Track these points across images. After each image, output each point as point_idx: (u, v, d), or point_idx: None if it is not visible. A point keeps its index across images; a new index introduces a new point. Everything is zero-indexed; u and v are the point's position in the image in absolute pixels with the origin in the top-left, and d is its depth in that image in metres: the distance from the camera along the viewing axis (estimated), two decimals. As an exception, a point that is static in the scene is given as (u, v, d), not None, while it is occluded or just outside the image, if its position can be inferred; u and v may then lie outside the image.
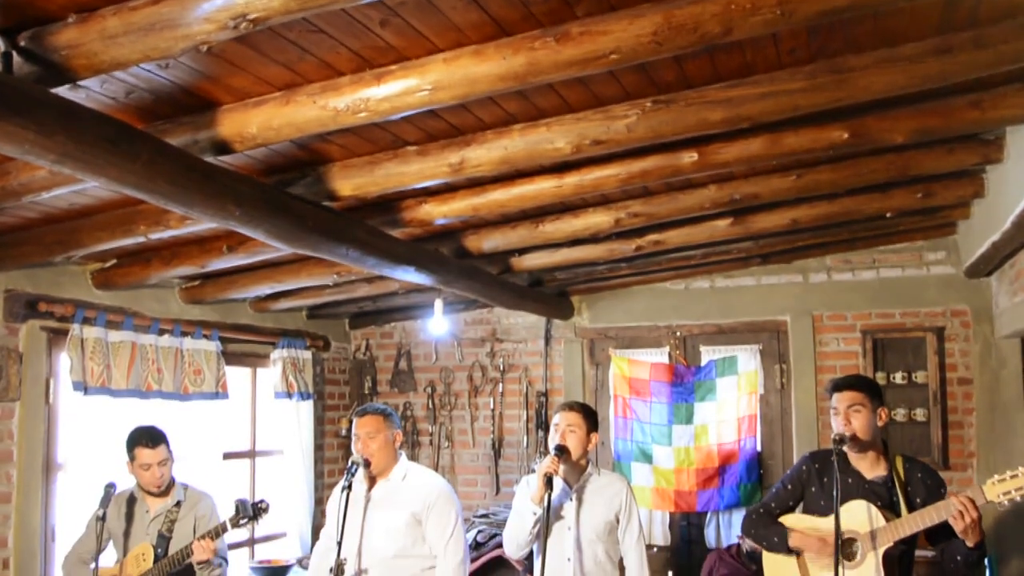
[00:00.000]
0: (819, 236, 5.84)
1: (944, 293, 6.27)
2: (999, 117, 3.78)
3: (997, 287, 5.92)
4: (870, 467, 3.78)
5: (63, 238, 4.27)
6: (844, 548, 3.65)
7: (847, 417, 3.73)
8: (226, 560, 4.43)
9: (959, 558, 3.54)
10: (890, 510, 3.64)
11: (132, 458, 4.29)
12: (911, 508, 3.65)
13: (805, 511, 3.93)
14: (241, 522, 4.19)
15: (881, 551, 3.56)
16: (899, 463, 3.78)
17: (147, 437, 4.29)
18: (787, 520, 3.92)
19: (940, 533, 3.59)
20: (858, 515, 3.57)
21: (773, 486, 4.19)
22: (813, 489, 3.90)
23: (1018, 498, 3.36)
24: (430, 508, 4.11)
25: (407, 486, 4.18)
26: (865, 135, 3.81)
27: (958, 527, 3.38)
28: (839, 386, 3.85)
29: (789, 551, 3.82)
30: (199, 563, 4.21)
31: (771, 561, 3.95)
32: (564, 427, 4.12)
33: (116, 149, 2.67)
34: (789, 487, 3.99)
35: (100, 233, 4.17)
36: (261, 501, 4.26)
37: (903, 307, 6.34)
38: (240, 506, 4.24)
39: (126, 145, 2.71)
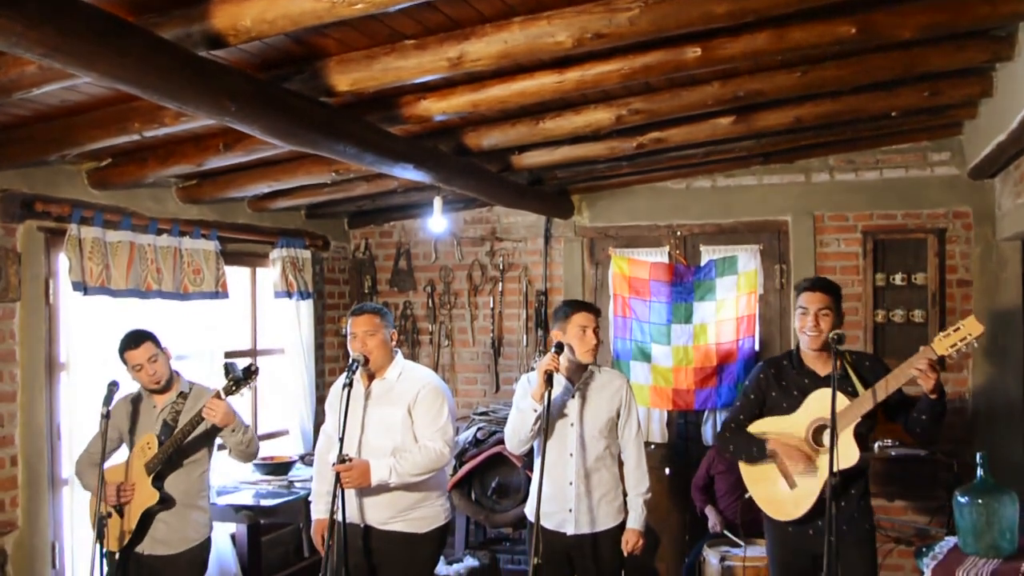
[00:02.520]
0: (822, 135, 5.78)
1: (947, 194, 6.23)
2: (1011, 12, 3.70)
3: (1000, 189, 5.88)
4: (823, 366, 3.93)
5: (57, 136, 4.21)
6: (816, 436, 3.88)
7: (816, 319, 3.88)
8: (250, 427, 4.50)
9: (924, 417, 3.79)
10: (850, 396, 3.82)
11: (125, 364, 4.32)
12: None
13: (768, 414, 4.08)
14: (234, 387, 4.20)
15: (851, 428, 3.77)
16: (847, 356, 3.96)
17: (130, 340, 4.30)
18: (756, 427, 4.07)
19: (898, 408, 3.90)
20: (824, 403, 3.69)
21: (737, 399, 4.32)
22: (773, 393, 4.07)
23: (964, 348, 3.66)
24: (418, 400, 4.18)
25: (402, 383, 4.25)
26: (873, 30, 3.73)
27: (929, 384, 3.63)
28: (812, 287, 3.98)
29: (768, 457, 3.98)
30: (222, 426, 4.27)
31: (751, 470, 4.11)
32: (587, 328, 4.19)
33: (106, 42, 2.61)
34: (752, 396, 4.14)
35: (94, 131, 4.12)
36: (251, 364, 4.27)
37: (905, 208, 6.31)
38: (229, 368, 4.26)
39: (116, 38, 2.66)
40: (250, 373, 4.23)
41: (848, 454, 3.74)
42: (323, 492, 4.34)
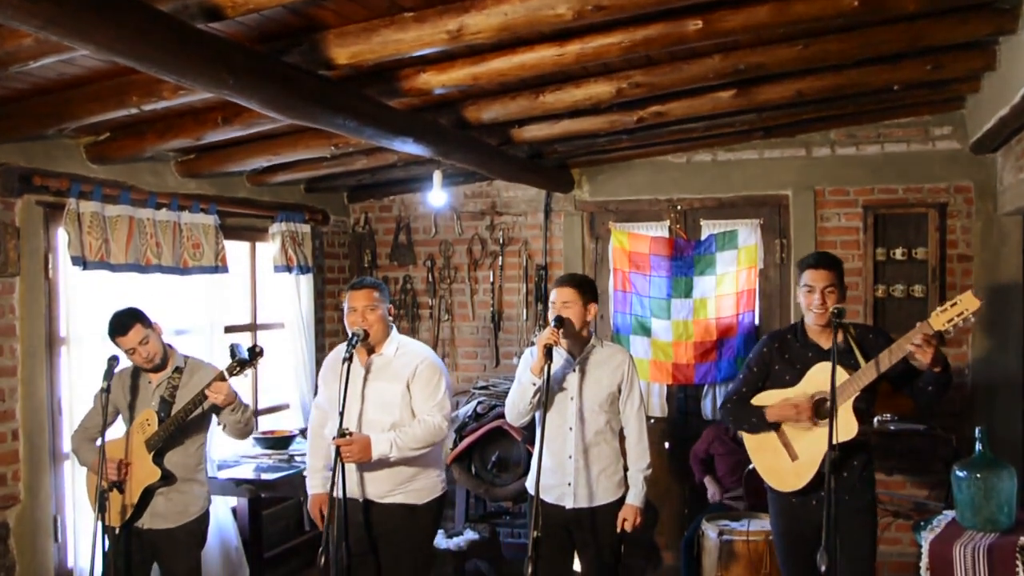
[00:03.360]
0: (824, 109, 5.75)
1: (948, 169, 6.21)
2: (1015, -16, 3.67)
3: (1002, 163, 5.86)
4: (827, 340, 3.89)
5: (55, 110, 4.19)
6: (818, 408, 3.88)
7: (823, 296, 3.87)
8: (248, 406, 4.51)
9: (930, 388, 3.79)
10: (852, 370, 3.82)
11: (117, 347, 4.31)
12: None
13: (771, 387, 4.09)
14: (237, 368, 4.20)
15: (850, 402, 3.78)
16: (851, 330, 3.96)
17: (116, 327, 4.26)
18: (759, 399, 4.08)
19: (903, 379, 3.87)
20: (825, 375, 3.69)
21: (740, 372, 4.33)
22: (777, 367, 4.07)
23: (961, 323, 3.62)
24: (417, 375, 4.20)
25: (400, 358, 4.26)
26: (876, 3, 3.71)
27: (925, 360, 3.63)
28: (817, 264, 3.96)
29: (770, 426, 4.00)
30: (223, 406, 4.29)
31: (753, 440, 4.13)
32: (559, 304, 4.17)
33: (103, 14, 2.59)
34: (755, 369, 4.14)
35: (92, 104, 4.09)
36: (255, 345, 4.27)
37: (906, 182, 6.29)
38: (234, 349, 4.24)
39: (113, 10, 2.63)
40: (255, 354, 4.24)
41: (847, 427, 3.75)
42: (319, 467, 4.35)
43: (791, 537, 4.05)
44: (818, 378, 3.87)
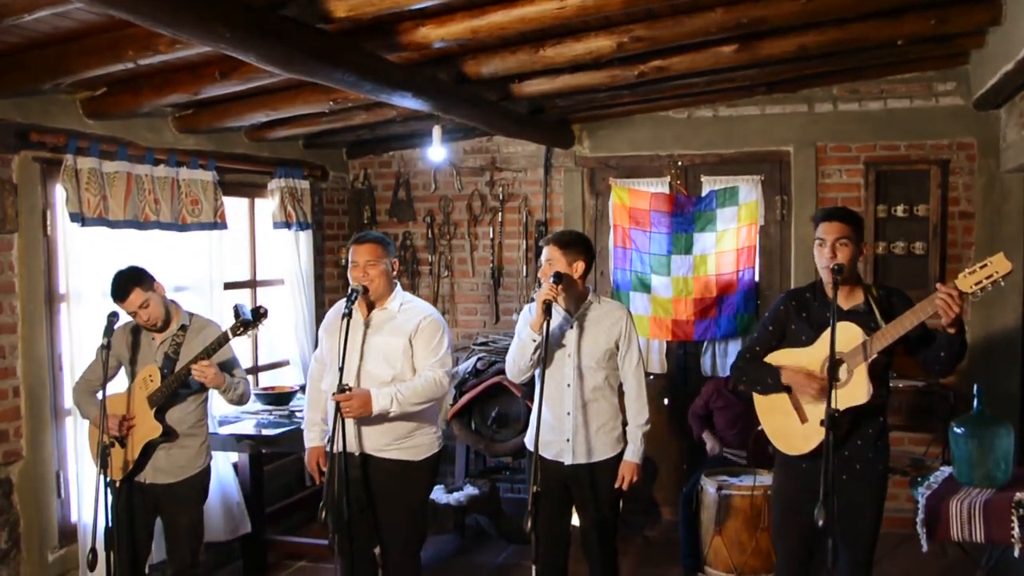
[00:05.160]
0: (827, 64, 5.69)
1: (951, 125, 6.17)
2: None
3: (1006, 120, 5.82)
4: (846, 299, 3.79)
5: (50, 64, 4.14)
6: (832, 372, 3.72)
7: (834, 249, 3.71)
8: (246, 378, 4.53)
9: (943, 354, 3.66)
10: (871, 332, 3.68)
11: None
12: None
13: (787, 347, 3.95)
14: (240, 329, 4.20)
15: (865, 365, 3.63)
16: (873, 291, 3.82)
17: (115, 292, 4.25)
18: (772, 358, 3.95)
19: (919, 343, 3.72)
20: (843, 336, 3.59)
21: (755, 329, 4.22)
22: (793, 326, 3.92)
23: (989, 287, 3.45)
24: (419, 331, 4.21)
25: (404, 314, 4.27)
26: (881, -45, 3.66)
27: (949, 318, 3.47)
28: (830, 216, 3.79)
29: (784, 388, 3.86)
30: (213, 387, 4.31)
31: (764, 402, 3.99)
32: (544, 262, 4.18)
33: (97, -34, 2.56)
34: (771, 328, 4.00)
35: (88, 59, 4.05)
36: (259, 306, 4.26)
37: (908, 139, 6.26)
38: (238, 310, 4.22)
39: (107, -38, 2.60)
40: (259, 316, 4.22)
41: (859, 390, 3.62)
42: (316, 420, 4.38)
43: (792, 504, 3.89)
44: (838, 337, 3.61)
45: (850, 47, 5.19)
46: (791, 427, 3.88)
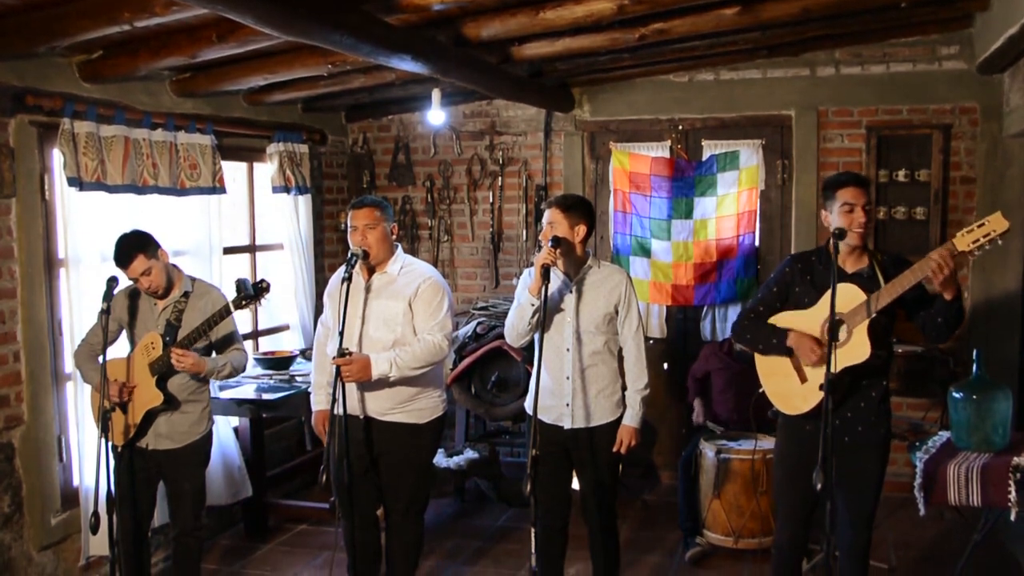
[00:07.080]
0: (829, 27, 5.63)
1: (954, 89, 6.12)
2: None
3: (1010, 84, 5.78)
4: (852, 263, 3.83)
5: (46, 26, 4.10)
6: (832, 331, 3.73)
7: (865, 213, 3.74)
8: (243, 350, 4.53)
9: (940, 319, 3.72)
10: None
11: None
12: None
13: (790, 309, 3.97)
14: (243, 302, 4.21)
15: (865, 324, 3.67)
16: (878, 256, 3.86)
17: (118, 257, 4.24)
18: (776, 320, 3.96)
19: (918, 306, 3.78)
20: (844, 296, 3.63)
21: (759, 291, 4.22)
22: (798, 289, 3.94)
23: (987, 246, 3.51)
24: (419, 294, 4.22)
25: (404, 277, 4.27)
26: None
27: (937, 280, 3.51)
28: (860, 181, 3.81)
29: (785, 351, 3.88)
30: (194, 374, 4.31)
31: (765, 363, 4.02)
32: (545, 225, 4.16)
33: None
34: (775, 289, 4.02)
35: (83, 21, 4.00)
36: (262, 281, 4.26)
37: (911, 103, 6.22)
38: (240, 285, 4.23)
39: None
40: (260, 290, 4.22)
41: (860, 349, 3.66)
42: (323, 383, 4.39)
43: (796, 467, 3.88)
44: (839, 298, 3.63)
45: (853, 10, 5.14)
46: (791, 387, 3.91)
